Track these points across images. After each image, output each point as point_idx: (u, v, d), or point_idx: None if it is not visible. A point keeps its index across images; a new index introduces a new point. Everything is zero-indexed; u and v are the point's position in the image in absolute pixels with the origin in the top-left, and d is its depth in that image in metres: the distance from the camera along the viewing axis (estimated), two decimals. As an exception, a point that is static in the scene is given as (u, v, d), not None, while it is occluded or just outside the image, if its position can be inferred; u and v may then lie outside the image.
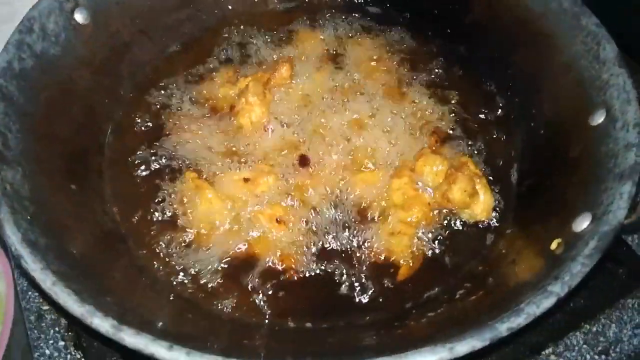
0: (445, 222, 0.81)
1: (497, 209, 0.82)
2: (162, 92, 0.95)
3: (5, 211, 0.61)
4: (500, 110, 0.93)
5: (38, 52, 0.80)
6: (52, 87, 0.82)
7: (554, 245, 0.65)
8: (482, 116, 0.93)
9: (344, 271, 0.77)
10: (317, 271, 0.77)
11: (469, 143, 0.90)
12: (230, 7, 1.06)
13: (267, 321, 0.73)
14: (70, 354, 0.83)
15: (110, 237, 0.78)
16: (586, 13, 0.81)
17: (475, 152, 0.89)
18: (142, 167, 0.87)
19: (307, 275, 0.77)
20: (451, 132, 0.91)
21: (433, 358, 0.51)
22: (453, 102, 0.94)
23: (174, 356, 0.52)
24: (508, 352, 0.80)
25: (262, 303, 0.75)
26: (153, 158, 0.88)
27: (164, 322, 0.63)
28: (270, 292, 0.75)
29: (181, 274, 0.77)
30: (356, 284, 0.76)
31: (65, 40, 0.85)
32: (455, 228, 0.81)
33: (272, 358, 0.57)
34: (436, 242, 0.80)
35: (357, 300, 0.75)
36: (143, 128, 0.91)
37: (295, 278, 0.76)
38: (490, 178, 0.85)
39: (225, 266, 0.78)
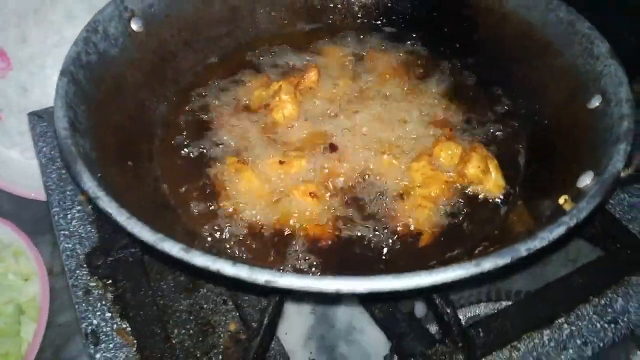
0: (462, 197, 0.90)
1: (508, 186, 0.91)
2: (203, 94, 1.07)
3: (81, 164, 0.70)
4: (507, 108, 1.04)
5: (101, 50, 0.92)
6: (109, 81, 0.92)
7: (561, 201, 0.74)
8: (490, 114, 1.04)
9: (372, 239, 0.85)
10: (348, 238, 0.85)
11: (480, 135, 1.00)
12: (263, 27, 1.19)
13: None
14: (116, 323, 0.89)
15: (161, 207, 0.87)
16: (580, 19, 0.94)
17: (485, 142, 0.98)
18: (188, 154, 0.97)
19: (339, 241, 0.85)
20: (462, 126, 1.01)
21: (462, 272, 0.58)
22: (463, 103, 1.05)
23: (237, 271, 0.59)
24: (524, 321, 0.87)
25: (300, 265, 0.82)
26: (197, 147, 0.98)
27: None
28: (307, 257, 0.83)
29: (228, 240, 0.85)
30: (384, 249, 0.84)
31: (123, 43, 0.96)
32: (472, 202, 0.90)
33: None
34: (455, 213, 0.88)
35: (384, 261, 0.82)
36: (187, 122, 1.02)
37: (329, 243, 0.84)
38: (500, 162, 0.94)
39: (266, 235, 0.85)
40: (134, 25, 0.99)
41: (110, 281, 0.93)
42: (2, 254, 1.27)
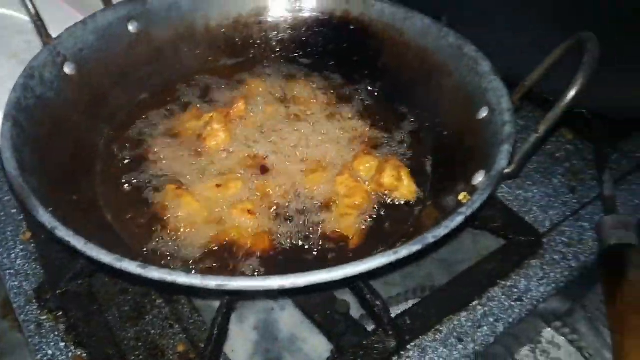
0: (381, 202, 1.02)
1: (419, 190, 1.04)
2: (137, 129, 1.14)
3: (35, 199, 0.76)
4: (412, 123, 1.19)
5: (38, 94, 0.97)
6: (49, 123, 0.98)
7: (461, 197, 0.87)
8: (399, 129, 1.18)
9: (307, 246, 0.95)
10: (285, 247, 0.95)
11: (392, 148, 1.13)
12: (188, 63, 1.28)
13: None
14: (71, 351, 0.93)
15: (108, 235, 0.93)
16: (467, 43, 1.09)
17: (397, 154, 1.12)
18: (128, 186, 1.03)
19: (277, 251, 0.94)
20: (377, 141, 1.14)
21: (383, 260, 0.70)
22: (376, 122, 1.19)
23: (191, 280, 0.67)
24: (444, 306, 1.00)
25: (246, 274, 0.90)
26: (136, 178, 1.04)
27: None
28: (251, 267, 0.91)
29: (174, 260, 0.92)
30: (318, 255, 0.94)
31: (58, 86, 1.02)
32: (389, 206, 1.02)
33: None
34: (376, 217, 1.00)
35: (320, 263, 0.92)
36: (124, 156, 1.08)
37: (269, 254, 0.94)
38: (411, 170, 1.07)
39: (209, 252, 0.93)
40: (67, 69, 1.05)
41: (61, 313, 0.98)
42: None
